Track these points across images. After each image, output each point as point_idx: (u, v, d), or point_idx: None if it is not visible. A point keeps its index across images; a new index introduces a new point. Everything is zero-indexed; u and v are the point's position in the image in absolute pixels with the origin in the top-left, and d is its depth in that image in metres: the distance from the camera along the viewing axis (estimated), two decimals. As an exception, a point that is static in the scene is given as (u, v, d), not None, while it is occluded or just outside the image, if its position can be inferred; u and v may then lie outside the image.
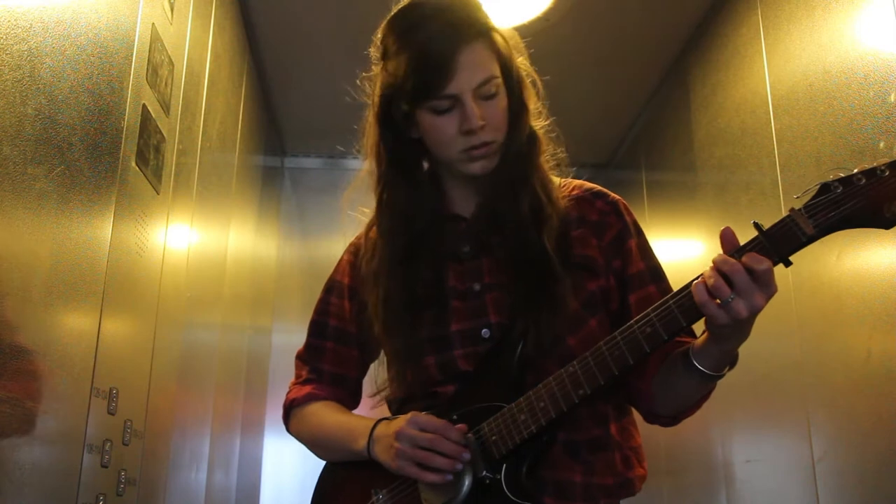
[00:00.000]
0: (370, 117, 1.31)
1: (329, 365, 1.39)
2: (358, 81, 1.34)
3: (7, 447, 0.99)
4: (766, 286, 1.00)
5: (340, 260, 1.44)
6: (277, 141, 3.42)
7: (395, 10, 1.25)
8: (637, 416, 1.28)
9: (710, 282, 1.00)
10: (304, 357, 1.43)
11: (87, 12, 1.19)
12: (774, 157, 2.00)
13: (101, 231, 1.27)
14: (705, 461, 2.50)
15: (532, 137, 1.27)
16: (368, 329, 1.32)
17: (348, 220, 1.42)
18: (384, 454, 1.19)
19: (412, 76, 1.19)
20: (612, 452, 1.20)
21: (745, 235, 1.04)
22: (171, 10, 1.62)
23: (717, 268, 1.01)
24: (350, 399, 1.41)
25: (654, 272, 1.27)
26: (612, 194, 1.33)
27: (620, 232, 1.27)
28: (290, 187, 3.57)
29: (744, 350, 1.10)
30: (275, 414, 3.28)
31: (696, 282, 1.03)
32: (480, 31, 1.21)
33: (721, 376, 1.12)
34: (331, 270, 1.47)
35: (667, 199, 2.90)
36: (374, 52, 1.31)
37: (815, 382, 1.78)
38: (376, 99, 1.28)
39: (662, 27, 2.59)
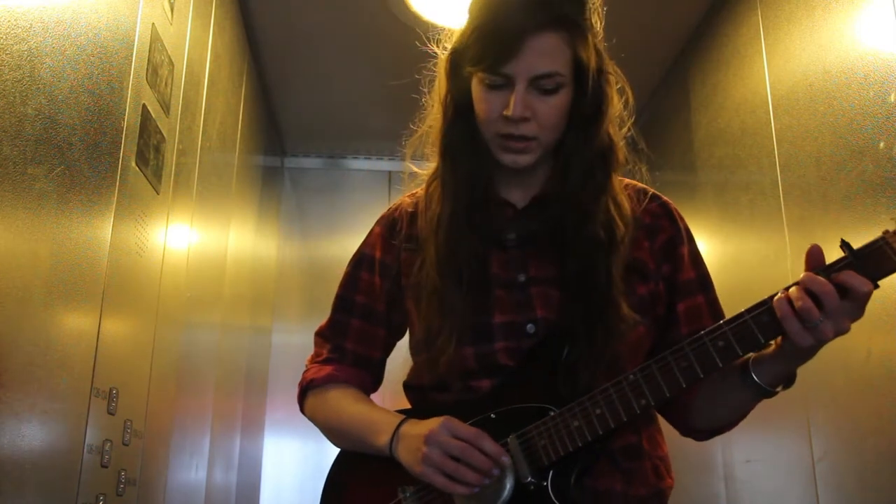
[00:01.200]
0: (440, 70, 1.25)
1: (353, 343, 1.31)
2: (440, 36, 1.27)
3: (7, 447, 0.99)
4: (860, 309, 0.96)
5: (371, 232, 1.36)
6: (277, 141, 3.42)
7: None
8: (663, 424, 1.25)
9: (799, 304, 0.95)
10: (325, 334, 1.35)
11: (87, 12, 1.19)
12: (774, 157, 1.99)
13: (101, 231, 1.27)
14: (705, 461, 2.50)
15: (608, 149, 1.19)
16: (400, 308, 1.27)
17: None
18: (408, 456, 1.11)
19: (475, 43, 1.13)
20: (644, 461, 1.16)
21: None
22: (171, 10, 1.62)
23: (807, 287, 0.95)
24: (371, 382, 1.34)
25: (704, 281, 1.23)
26: (664, 197, 1.28)
27: (672, 237, 1.23)
28: (290, 187, 3.57)
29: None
30: (275, 414, 3.32)
31: (778, 299, 0.97)
32: (565, 20, 1.12)
33: (774, 393, 1.08)
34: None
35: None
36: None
37: (815, 382, 1.78)
38: (448, 54, 1.23)
39: (662, 27, 2.59)
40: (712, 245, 2.44)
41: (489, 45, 1.11)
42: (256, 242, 2.93)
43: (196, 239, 1.92)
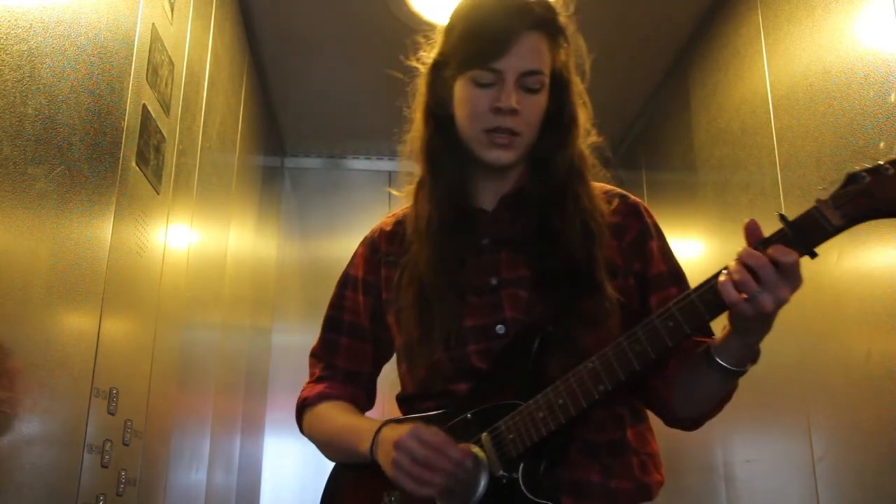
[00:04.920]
0: (420, 81, 1.31)
1: (343, 361, 1.37)
2: (419, 50, 1.33)
3: (7, 447, 0.99)
4: (793, 279, 0.99)
5: (355, 253, 1.41)
6: (277, 141, 3.42)
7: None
8: (655, 422, 1.26)
9: (736, 276, 0.99)
10: (318, 354, 1.40)
11: (87, 12, 1.19)
12: (774, 157, 2.00)
13: (101, 231, 1.27)
14: (705, 461, 2.50)
15: (580, 154, 1.28)
16: (382, 322, 1.32)
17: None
18: (384, 459, 1.15)
19: (466, 44, 1.21)
20: (629, 457, 1.18)
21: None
22: (171, 10, 1.62)
23: (743, 261, 0.99)
24: (365, 397, 1.38)
25: (675, 274, 1.26)
26: (632, 196, 1.33)
27: (641, 233, 1.27)
28: (290, 187, 3.57)
29: (744, 350, 1.10)
30: (275, 414, 3.32)
31: (720, 276, 1.01)
32: (549, 26, 1.23)
33: (744, 372, 1.10)
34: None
35: (667, 199, 2.90)
36: (437, 36, 1.33)
37: (815, 382, 1.78)
38: (428, 67, 1.30)
39: (662, 27, 2.59)
40: (712, 245, 2.44)
41: (481, 43, 1.20)
42: (256, 242, 2.93)
43: (196, 239, 1.92)
